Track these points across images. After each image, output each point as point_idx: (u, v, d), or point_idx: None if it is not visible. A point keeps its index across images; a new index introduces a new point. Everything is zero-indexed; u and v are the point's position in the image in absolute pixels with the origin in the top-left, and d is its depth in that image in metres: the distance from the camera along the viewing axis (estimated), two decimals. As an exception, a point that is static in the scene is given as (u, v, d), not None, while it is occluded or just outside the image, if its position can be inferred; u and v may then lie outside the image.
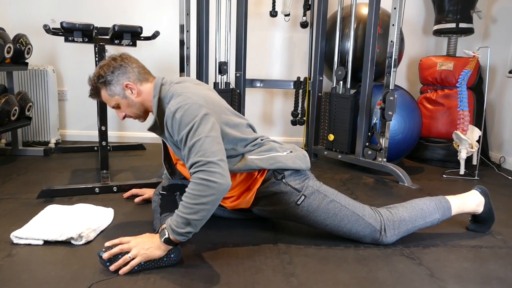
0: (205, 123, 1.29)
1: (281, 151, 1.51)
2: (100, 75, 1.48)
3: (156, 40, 2.35)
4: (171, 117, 1.33)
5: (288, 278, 1.26)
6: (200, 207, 1.19)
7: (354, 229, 1.47)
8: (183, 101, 1.32)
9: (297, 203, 1.46)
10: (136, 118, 1.56)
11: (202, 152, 1.22)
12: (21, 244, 1.41)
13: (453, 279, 1.29)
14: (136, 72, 1.49)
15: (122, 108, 1.52)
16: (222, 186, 1.20)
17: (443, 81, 2.87)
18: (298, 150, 1.56)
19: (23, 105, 2.65)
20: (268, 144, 1.53)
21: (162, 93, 1.45)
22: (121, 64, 1.48)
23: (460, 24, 2.84)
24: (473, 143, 2.51)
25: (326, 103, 2.78)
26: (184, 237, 1.23)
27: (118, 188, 2.01)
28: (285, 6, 2.87)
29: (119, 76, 1.47)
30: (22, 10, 3.12)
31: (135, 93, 1.48)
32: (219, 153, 1.25)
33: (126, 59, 1.51)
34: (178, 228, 1.21)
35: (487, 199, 1.62)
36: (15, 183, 2.11)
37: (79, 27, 2.05)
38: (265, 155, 1.46)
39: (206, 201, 1.18)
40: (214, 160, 1.21)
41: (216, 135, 1.29)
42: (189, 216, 1.19)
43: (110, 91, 1.49)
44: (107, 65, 1.48)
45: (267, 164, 1.44)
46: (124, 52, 1.58)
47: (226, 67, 2.69)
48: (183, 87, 1.42)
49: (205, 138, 1.25)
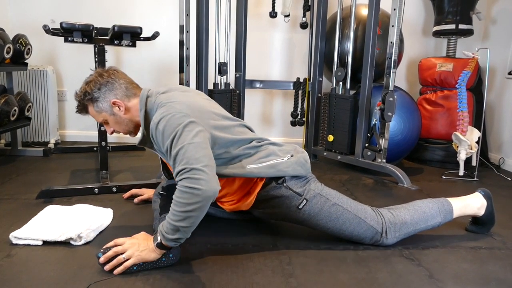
0: (188, 130, 1.26)
1: (281, 156, 1.45)
2: (86, 91, 1.47)
3: (156, 40, 2.35)
4: (154, 128, 1.32)
5: (287, 278, 1.26)
6: (186, 215, 1.17)
7: (356, 232, 1.46)
8: (166, 111, 1.31)
9: (299, 207, 1.44)
10: (126, 133, 1.55)
11: (186, 159, 1.19)
12: (20, 244, 1.41)
13: (452, 280, 1.30)
14: (124, 88, 1.48)
15: (111, 124, 1.52)
16: (207, 192, 1.16)
17: (443, 82, 2.87)
18: (299, 153, 1.50)
19: (22, 106, 2.65)
20: (266, 148, 1.47)
21: (148, 105, 1.43)
22: (108, 81, 1.47)
23: (460, 25, 2.85)
24: (473, 144, 2.52)
25: (326, 104, 2.78)
26: (175, 243, 1.22)
27: (117, 189, 2.01)
28: (285, 7, 2.87)
29: (106, 93, 1.46)
30: (21, 11, 3.12)
31: (123, 110, 1.47)
32: (203, 159, 1.21)
33: (113, 74, 1.49)
34: (168, 234, 1.20)
35: (490, 202, 1.62)
36: (14, 184, 2.11)
37: (78, 27, 2.05)
38: (264, 163, 1.41)
39: (191, 208, 1.16)
40: (198, 167, 1.18)
41: (201, 141, 1.25)
42: (177, 223, 1.18)
43: (97, 108, 1.48)
44: (94, 81, 1.47)
45: (267, 174, 1.41)
46: (112, 66, 1.56)
47: (225, 68, 2.69)
48: (168, 97, 1.40)
49: (188, 145, 1.22)
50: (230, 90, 2.76)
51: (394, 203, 1.61)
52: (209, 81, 2.59)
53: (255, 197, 1.46)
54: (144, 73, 3.24)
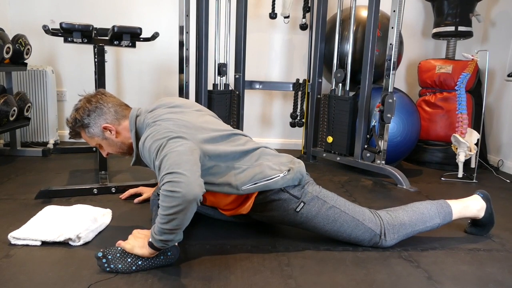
0: (172, 142, 1.27)
1: (277, 170, 1.41)
2: (76, 118, 1.50)
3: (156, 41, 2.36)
4: (142, 148, 1.35)
5: (286, 280, 1.26)
6: (170, 217, 1.16)
7: (354, 234, 1.47)
8: (153, 130, 1.33)
9: (296, 210, 1.44)
10: (121, 155, 1.57)
11: (168, 166, 1.19)
12: (19, 244, 1.40)
13: (450, 282, 1.30)
14: (113, 112, 1.50)
15: (104, 147, 1.55)
16: (187, 196, 1.14)
17: (442, 84, 2.88)
18: (295, 168, 1.44)
19: (22, 106, 2.65)
20: (260, 164, 1.42)
21: (138, 124, 1.46)
22: (96, 106, 1.49)
23: (459, 27, 2.85)
24: (472, 146, 2.52)
25: (325, 105, 2.78)
26: (163, 244, 1.22)
27: (116, 189, 2.00)
28: (285, 8, 2.88)
29: (96, 118, 1.48)
30: (21, 11, 3.12)
31: (114, 133, 1.50)
32: (185, 164, 1.20)
33: (101, 99, 1.51)
34: (156, 235, 1.20)
35: (489, 204, 1.62)
36: (13, 184, 2.11)
37: (78, 27, 2.05)
38: (259, 183, 1.39)
39: (173, 211, 1.15)
40: (178, 171, 1.17)
41: (184, 150, 1.25)
42: (162, 226, 1.18)
43: (89, 134, 1.51)
44: (82, 108, 1.49)
45: (262, 189, 1.41)
46: (99, 89, 1.58)
47: (225, 69, 2.70)
48: (155, 116, 1.41)
49: (170, 153, 1.22)
50: (229, 91, 2.76)
51: (393, 205, 1.61)
52: (208, 82, 2.59)
53: (253, 201, 1.46)
54: (143, 74, 3.25)
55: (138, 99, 3.25)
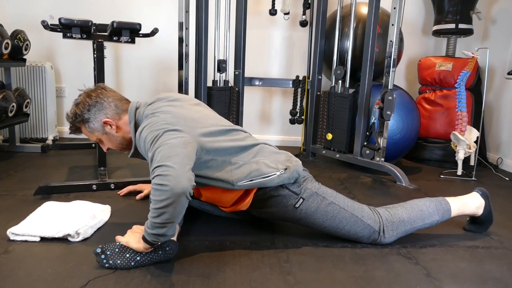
0: (167, 134, 1.26)
1: (274, 168, 1.40)
2: (76, 113, 1.49)
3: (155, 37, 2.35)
4: (138, 137, 1.35)
5: (285, 276, 1.26)
6: (160, 211, 1.16)
7: (353, 231, 1.47)
8: (151, 121, 1.33)
9: (295, 206, 1.44)
10: (121, 150, 1.57)
11: (159, 158, 1.19)
12: (17, 240, 1.40)
13: (449, 279, 1.30)
14: (113, 107, 1.49)
15: (105, 142, 1.55)
16: (175, 189, 1.12)
17: (442, 81, 2.87)
18: (292, 166, 1.42)
19: (20, 102, 2.64)
20: (257, 162, 1.41)
21: (137, 117, 1.46)
22: (97, 101, 1.48)
23: (460, 25, 2.85)
24: (471, 144, 2.52)
25: (325, 102, 2.78)
26: (155, 239, 1.21)
27: (115, 185, 2.00)
28: (285, 4, 2.87)
29: (96, 113, 1.48)
30: (20, 6, 3.11)
31: (115, 128, 1.49)
32: (175, 157, 1.19)
33: (101, 94, 1.50)
34: (148, 229, 1.20)
35: (487, 201, 1.62)
36: (12, 180, 2.10)
37: (77, 23, 2.04)
38: (255, 180, 1.39)
39: (163, 205, 1.14)
40: (167, 164, 1.16)
41: (177, 142, 1.24)
42: (153, 220, 1.18)
43: (90, 128, 1.51)
44: (82, 103, 1.49)
45: (259, 186, 1.41)
46: (99, 84, 1.57)
47: (225, 65, 2.69)
48: (154, 108, 1.41)
49: (163, 146, 1.22)
50: (229, 87, 2.76)
51: (392, 202, 1.61)
52: (208, 78, 2.58)
53: (253, 197, 1.45)
54: (143, 70, 3.24)
55: (137, 95, 3.25)
